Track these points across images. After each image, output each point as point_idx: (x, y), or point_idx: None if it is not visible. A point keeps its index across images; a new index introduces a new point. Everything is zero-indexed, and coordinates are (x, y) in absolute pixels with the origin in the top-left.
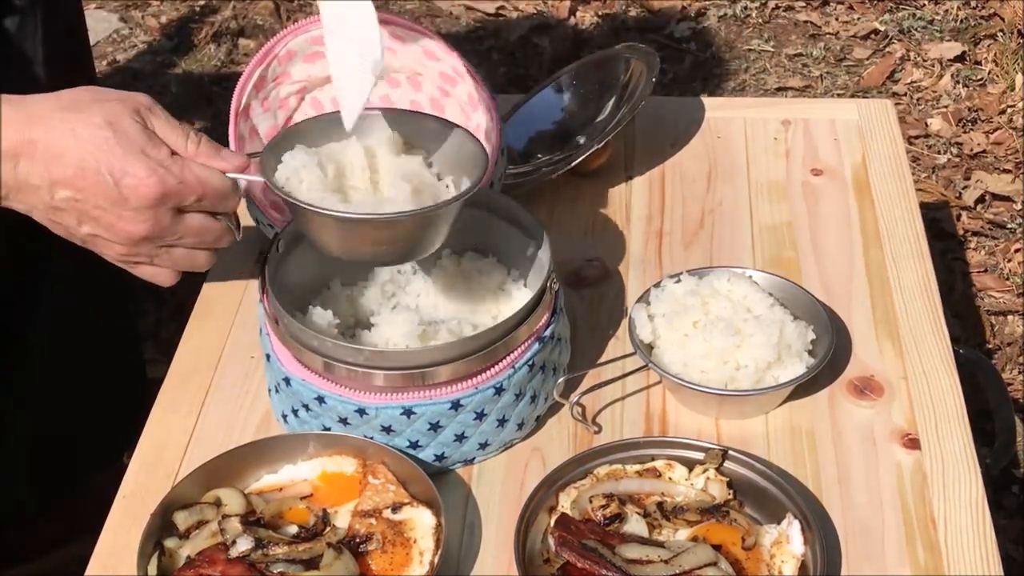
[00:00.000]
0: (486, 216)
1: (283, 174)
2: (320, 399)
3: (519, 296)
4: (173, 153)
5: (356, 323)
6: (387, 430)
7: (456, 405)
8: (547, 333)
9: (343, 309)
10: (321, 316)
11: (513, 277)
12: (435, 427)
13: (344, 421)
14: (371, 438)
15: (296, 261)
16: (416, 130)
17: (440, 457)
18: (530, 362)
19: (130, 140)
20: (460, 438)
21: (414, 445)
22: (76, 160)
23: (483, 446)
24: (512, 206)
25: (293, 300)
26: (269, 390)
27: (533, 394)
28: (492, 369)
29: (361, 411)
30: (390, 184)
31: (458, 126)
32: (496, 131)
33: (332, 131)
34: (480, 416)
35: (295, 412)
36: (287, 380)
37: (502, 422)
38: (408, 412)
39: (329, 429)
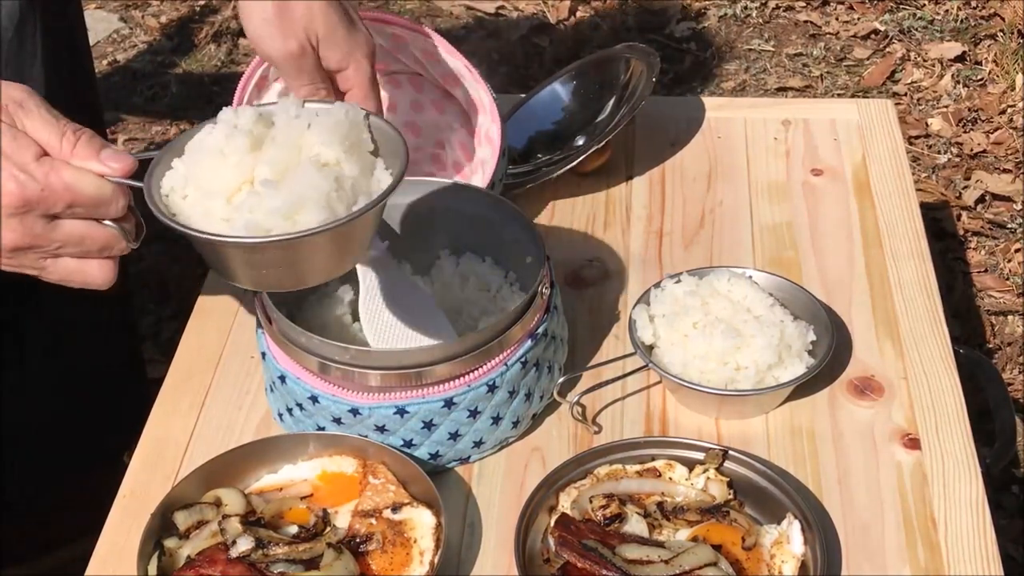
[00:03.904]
0: (484, 218)
1: (169, 183)
2: (314, 398)
3: (515, 298)
4: (45, 154)
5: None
6: (381, 429)
7: (449, 403)
8: (540, 331)
9: (340, 307)
10: (338, 302)
11: (510, 280)
12: (429, 426)
13: (338, 421)
14: (365, 436)
15: None
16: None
17: (435, 456)
18: (523, 359)
19: None
20: (454, 436)
21: (408, 444)
22: None
23: (478, 444)
24: (509, 208)
25: (290, 297)
26: (266, 388)
27: (528, 392)
28: (484, 366)
29: (354, 411)
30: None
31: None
32: (499, 133)
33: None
34: (474, 414)
35: (290, 411)
36: (282, 378)
37: (496, 420)
38: (401, 411)
39: (323, 428)
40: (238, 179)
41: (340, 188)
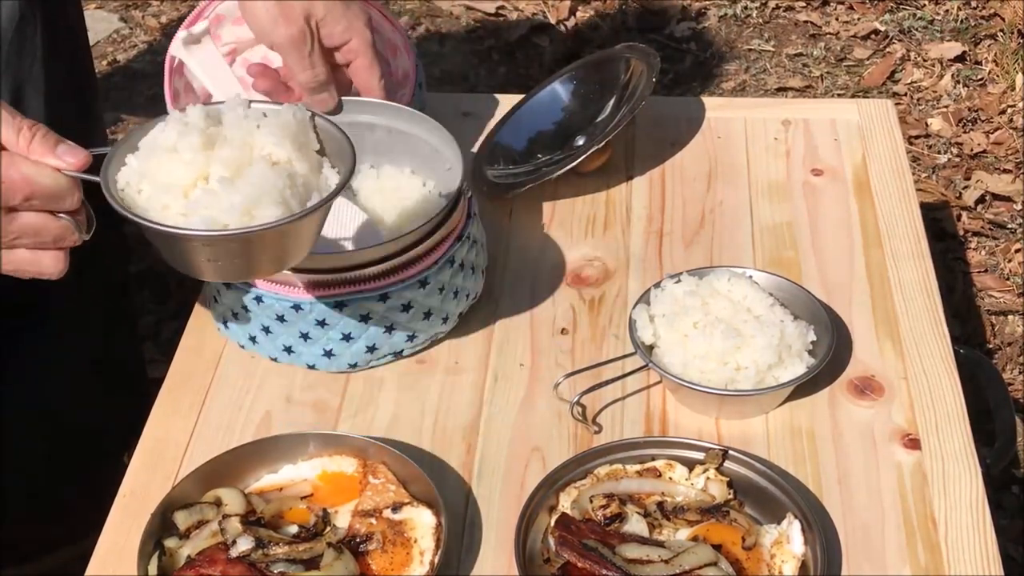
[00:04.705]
0: (402, 131)
1: (124, 177)
2: (258, 299)
3: (437, 204)
4: (3, 149)
5: None
6: (321, 324)
7: (384, 297)
8: (466, 233)
9: None
10: None
11: (429, 188)
12: (365, 319)
13: (281, 319)
14: (307, 333)
15: None
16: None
17: (371, 348)
18: (450, 258)
19: None
20: (389, 329)
21: (347, 338)
22: None
23: (411, 338)
24: (427, 121)
25: None
26: (218, 322)
27: (455, 290)
28: (417, 265)
29: (296, 307)
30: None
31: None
32: (413, 69)
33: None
34: (407, 308)
35: (235, 315)
36: (228, 285)
37: (427, 315)
38: (340, 305)
39: (268, 328)
40: (192, 175)
41: (293, 185)
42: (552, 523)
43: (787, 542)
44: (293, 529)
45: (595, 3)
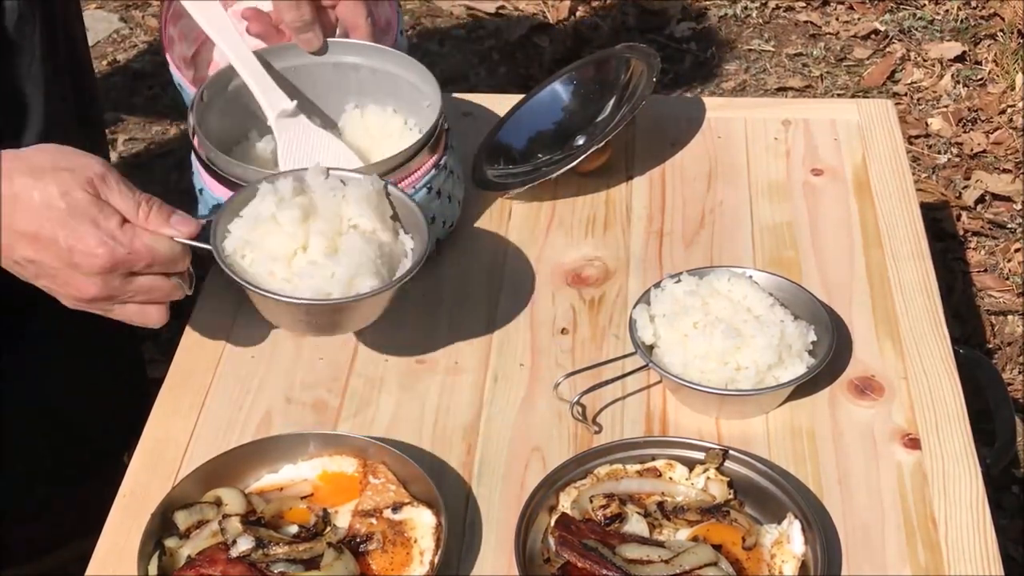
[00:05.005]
0: (383, 72)
1: (231, 245)
2: None
3: (416, 139)
4: (125, 221)
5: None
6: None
7: None
8: (442, 162)
9: (264, 155)
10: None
11: (409, 125)
12: None
13: None
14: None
15: (218, 111)
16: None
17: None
18: (428, 185)
19: (81, 211)
20: None
21: None
22: (34, 226)
23: None
24: (407, 60)
25: (216, 145)
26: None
27: (433, 216)
28: None
29: None
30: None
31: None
32: (395, 16)
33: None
34: None
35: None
36: (218, 206)
37: None
38: None
39: None
40: (294, 245)
41: (382, 254)
42: (552, 523)
43: (787, 542)
44: (293, 529)
45: (595, 3)
